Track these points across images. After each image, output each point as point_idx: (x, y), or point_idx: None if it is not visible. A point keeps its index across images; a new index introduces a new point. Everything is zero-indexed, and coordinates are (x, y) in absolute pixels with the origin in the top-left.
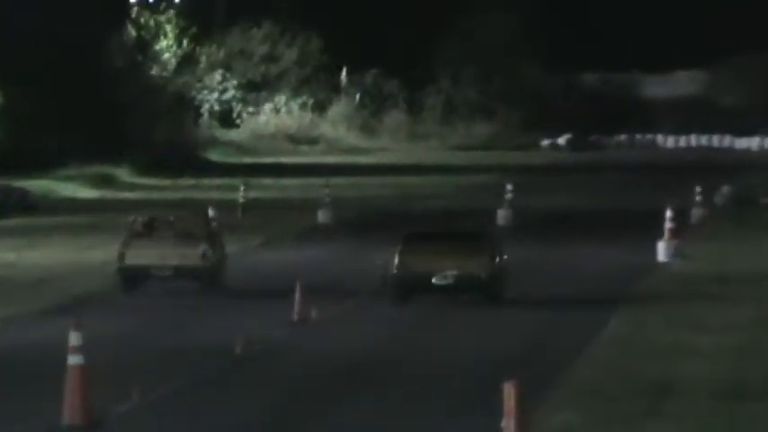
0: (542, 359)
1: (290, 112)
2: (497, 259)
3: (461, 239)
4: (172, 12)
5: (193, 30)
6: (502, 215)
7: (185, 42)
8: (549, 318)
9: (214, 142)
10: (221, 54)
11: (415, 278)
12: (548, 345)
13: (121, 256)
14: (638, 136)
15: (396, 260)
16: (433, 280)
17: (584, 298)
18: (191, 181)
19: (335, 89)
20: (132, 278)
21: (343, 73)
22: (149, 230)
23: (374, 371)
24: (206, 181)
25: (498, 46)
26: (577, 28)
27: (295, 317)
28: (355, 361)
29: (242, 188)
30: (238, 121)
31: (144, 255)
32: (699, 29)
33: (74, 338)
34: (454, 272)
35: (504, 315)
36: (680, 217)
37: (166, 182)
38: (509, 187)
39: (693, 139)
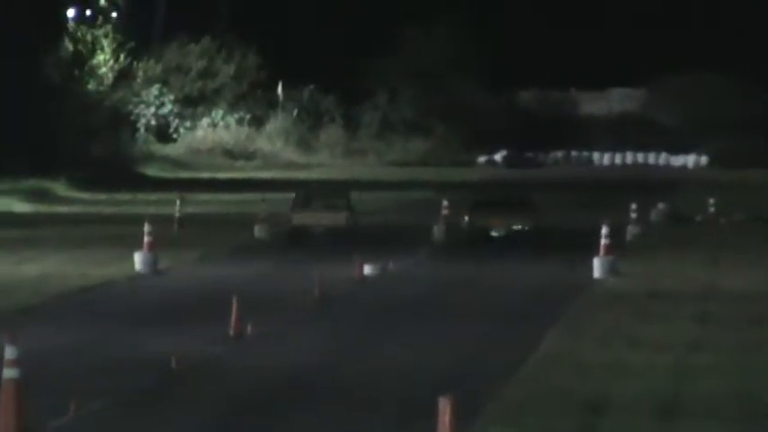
0: (477, 375)
1: (227, 127)
2: (536, 219)
3: (511, 205)
4: (109, 26)
5: (131, 44)
6: (438, 231)
7: (122, 57)
8: (484, 334)
9: (151, 157)
10: (158, 69)
11: (479, 231)
12: (482, 361)
13: (289, 219)
14: (575, 153)
15: (465, 219)
16: (491, 233)
17: (520, 314)
18: (127, 196)
19: (272, 104)
20: (297, 234)
21: (279, 88)
22: (308, 200)
23: (310, 386)
24: (142, 195)
25: (435, 63)
26: (514, 46)
27: (231, 332)
28: (291, 376)
29: (178, 203)
30: (175, 136)
31: (305, 217)
32: (635, 47)
33: (9, 352)
34: (506, 228)
35: (439, 331)
36: (615, 234)
37: (102, 196)
38: (445, 203)
39: (629, 157)
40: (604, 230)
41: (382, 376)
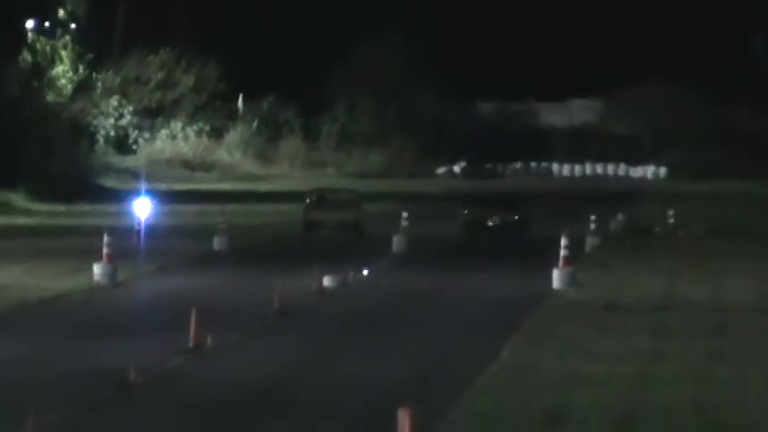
0: (436, 386)
1: (186, 138)
2: (525, 213)
3: (503, 201)
4: (68, 38)
5: (90, 56)
6: (397, 242)
7: (81, 68)
8: (444, 345)
9: (109, 168)
10: (117, 80)
11: (478, 222)
12: (442, 372)
13: (306, 215)
14: (534, 164)
15: (465, 212)
16: (488, 223)
17: (479, 325)
18: (86, 207)
19: (232, 116)
20: (312, 227)
21: (240, 99)
22: (321, 199)
23: (270, 398)
24: (101, 207)
25: (394, 74)
26: (474, 57)
27: (190, 343)
28: (251, 388)
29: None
30: (134, 148)
31: (319, 213)
32: (593, 57)
33: None
34: (499, 218)
35: (399, 342)
36: (575, 245)
37: (61, 208)
38: (404, 215)
39: (588, 168)
40: (564, 241)
41: (342, 388)
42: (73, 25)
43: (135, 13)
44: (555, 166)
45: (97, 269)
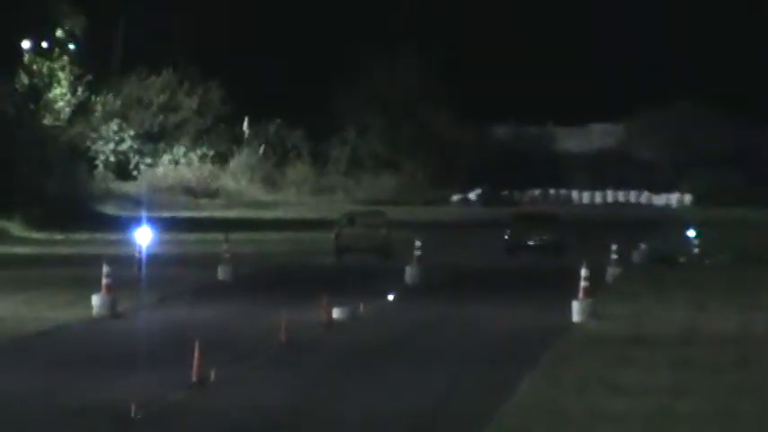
0: (450, 423)
1: (189, 163)
2: (564, 232)
3: (543, 220)
4: (66, 58)
5: (89, 77)
6: (410, 273)
7: (80, 90)
8: (458, 379)
9: (109, 195)
10: (117, 103)
11: (518, 241)
12: (456, 408)
13: (337, 237)
14: (552, 191)
15: (507, 232)
16: (528, 242)
17: (495, 358)
18: (84, 235)
19: (237, 140)
20: (343, 251)
21: (245, 123)
22: (352, 222)
23: None
24: (100, 235)
25: (406, 94)
26: (490, 79)
27: (193, 377)
28: (256, 423)
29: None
30: (135, 173)
31: (349, 236)
32: (613, 81)
33: None
34: (539, 238)
35: (410, 377)
36: (595, 275)
37: (59, 236)
38: (417, 244)
39: (610, 195)
40: (584, 272)
41: (350, 424)
42: (71, 45)
43: (136, 33)
44: (574, 193)
45: (96, 300)
